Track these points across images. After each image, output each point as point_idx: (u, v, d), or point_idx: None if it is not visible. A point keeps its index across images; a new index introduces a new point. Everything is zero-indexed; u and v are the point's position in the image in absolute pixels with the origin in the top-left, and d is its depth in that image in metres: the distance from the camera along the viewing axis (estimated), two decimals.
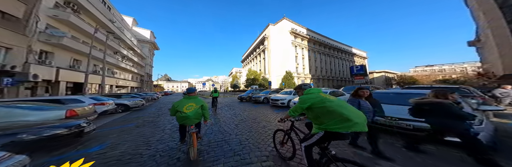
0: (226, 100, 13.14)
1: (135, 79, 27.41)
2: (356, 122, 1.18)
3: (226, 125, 4.15)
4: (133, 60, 24.74)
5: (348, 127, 1.19)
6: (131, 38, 24.82)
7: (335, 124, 1.22)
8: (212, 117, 5.33)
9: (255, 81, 31.06)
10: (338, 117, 1.22)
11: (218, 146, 2.53)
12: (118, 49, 18.91)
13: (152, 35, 33.86)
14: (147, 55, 31.92)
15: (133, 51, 25.20)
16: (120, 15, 22.52)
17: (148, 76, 34.03)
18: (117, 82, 19.75)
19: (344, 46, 49.16)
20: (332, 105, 1.29)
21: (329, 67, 41.97)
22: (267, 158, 2.06)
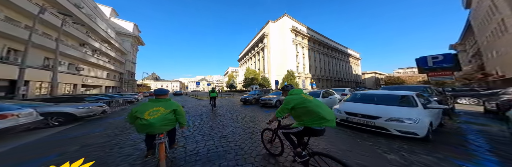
0: (224, 101, 10.82)
1: (112, 77, 23.56)
2: (328, 119, 1.37)
3: (239, 151, 2.37)
4: (109, 55, 21.03)
5: (322, 123, 1.37)
6: (107, 29, 21.12)
7: (312, 121, 1.40)
8: (211, 127, 3.94)
9: (254, 81, 28.82)
10: (315, 115, 1.39)
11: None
12: (86, 40, 15.42)
13: (135, 29, 29.93)
14: (128, 51, 28.01)
15: (109, 44, 21.49)
16: (93, 2, 18.86)
17: (129, 74, 29.99)
18: (85, 80, 16.20)
19: (340, 46, 48.38)
20: (311, 105, 1.45)
21: (327, 67, 40.64)
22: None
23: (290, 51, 30.54)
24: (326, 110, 1.43)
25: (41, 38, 10.31)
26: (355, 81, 51.98)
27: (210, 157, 2.12)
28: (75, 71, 14.85)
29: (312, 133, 1.45)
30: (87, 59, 15.63)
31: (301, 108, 1.46)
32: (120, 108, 8.56)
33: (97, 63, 17.46)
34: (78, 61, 15.26)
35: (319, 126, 1.37)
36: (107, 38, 20.26)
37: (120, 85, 25.95)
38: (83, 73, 15.92)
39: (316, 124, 1.37)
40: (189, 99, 14.41)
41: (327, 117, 1.36)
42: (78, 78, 15.16)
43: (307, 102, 1.46)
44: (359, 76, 57.31)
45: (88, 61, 16.15)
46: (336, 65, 44.14)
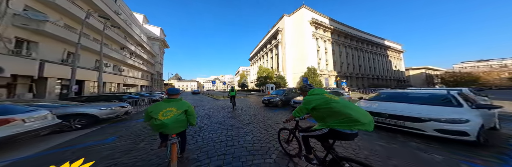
0: (243, 103, 9.21)
1: (145, 77, 25.95)
2: (362, 121, 1.17)
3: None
4: (143, 58, 23.11)
5: (354, 126, 1.18)
6: (140, 34, 23.18)
7: (340, 123, 1.22)
8: (246, 149, 2.50)
9: (268, 79, 27.04)
10: (344, 117, 1.21)
11: None
12: (125, 44, 17.10)
13: (161, 33, 32.33)
14: (157, 53, 30.47)
15: (142, 48, 23.56)
16: (129, 10, 20.83)
17: (158, 74, 32.71)
18: (125, 80, 18.11)
19: (374, 38, 39.88)
20: (337, 105, 1.28)
21: (357, 63, 34.06)
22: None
23: (310, 46, 27.36)
24: (359, 111, 1.25)
25: (91, 42, 11.63)
26: (396, 79, 42.39)
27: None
28: (118, 72, 16.65)
29: (339, 136, 1.29)
30: (126, 61, 17.34)
31: (324, 108, 1.32)
32: (146, 107, 8.09)
33: (133, 64, 19.29)
34: (120, 63, 17.05)
35: (350, 129, 1.20)
36: (140, 42, 22.23)
37: (151, 84, 28.48)
38: (124, 73, 17.79)
39: (346, 126, 1.21)
40: (207, 99, 13.75)
41: (361, 119, 1.17)
42: (120, 78, 16.97)
43: (332, 102, 1.31)
44: (402, 73, 45.87)
45: (127, 63, 17.93)
46: (369, 60, 36.92)
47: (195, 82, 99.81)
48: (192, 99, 13.68)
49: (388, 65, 41.84)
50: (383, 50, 41.59)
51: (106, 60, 14.52)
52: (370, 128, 1.17)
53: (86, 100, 6.61)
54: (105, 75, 14.81)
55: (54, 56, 8.93)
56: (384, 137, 2.84)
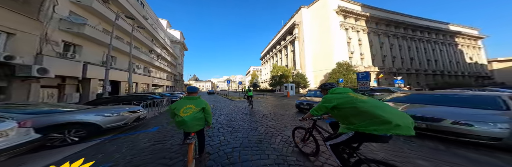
0: (263, 106, 6.95)
1: (170, 78, 27.27)
2: (397, 124, 0.98)
3: None
4: (167, 60, 24.20)
5: (387, 129, 1.00)
6: (165, 38, 24.33)
7: (368, 125, 1.06)
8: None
9: (284, 78, 24.24)
10: (373, 118, 1.05)
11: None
12: (152, 47, 17.87)
13: (181, 36, 33.68)
14: (178, 55, 31.87)
15: (166, 50, 24.68)
16: (155, 15, 21.92)
17: (179, 75, 34.32)
18: (153, 81, 19.07)
19: (432, 23, 29.51)
20: (365, 105, 1.12)
21: (407, 55, 26.21)
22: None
23: (338, 39, 22.63)
24: (393, 112, 1.05)
25: (124, 46, 12.14)
26: (474, 75, 30.06)
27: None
28: (147, 73, 17.55)
29: (368, 138, 1.11)
30: (154, 63, 18.15)
31: (349, 108, 1.16)
32: (164, 109, 6.91)
33: (159, 66, 20.18)
34: (148, 65, 17.93)
35: (384, 133, 1.00)
36: (165, 45, 23.28)
37: (174, 85, 29.94)
38: (152, 75, 18.74)
39: (377, 130, 1.02)
40: (222, 100, 12.46)
41: (397, 122, 0.97)
42: (149, 79, 17.87)
43: (359, 102, 1.14)
44: (482, 66, 32.56)
45: (154, 65, 18.79)
46: (425, 52, 27.92)
47: (210, 83, 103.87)
48: (209, 100, 12.53)
49: (457, 56, 30.14)
50: (449, 37, 30.40)
51: (137, 62, 15.29)
52: (410, 132, 0.99)
53: (112, 100, 6.57)
54: (136, 76, 15.76)
55: (95, 58, 9.38)
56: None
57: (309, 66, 27.04)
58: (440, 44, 29.86)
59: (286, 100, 10.48)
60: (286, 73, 24.70)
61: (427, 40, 28.92)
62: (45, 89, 6.66)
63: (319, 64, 24.83)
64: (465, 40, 32.30)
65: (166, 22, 29.84)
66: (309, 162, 1.74)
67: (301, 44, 28.37)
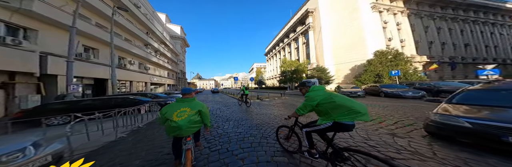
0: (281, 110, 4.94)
1: (171, 76, 24.94)
2: (362, 113, 1.19)
3: None
4: (167, 56, 21.71)
5: (355, 117, 1.19)
6: (163, 32, 21.69)
7: (344, 116, 1.21)
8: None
9: (297, 74, 20.95)
10: (347, 109, 1.20)
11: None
12: (147, 40, 15.37)
13: (182, 31, 30.90)
14: (179, 52, 29.36)
15: (166, 46, 22.13)
16: (150, 7, 19.13)
17: (182, 73, 32.03)
18: (152, 79, 16.77)
19: (488, 1, 21.68)
20: (339, 99, 1.27)
21: (460, 41, 20.59)
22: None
23: (370, 23, 17.66)
24: (358, 103, 1.24)
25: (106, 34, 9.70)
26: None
27: None
28: (144, 70, 15.19)
29: (342, 128, 1.26)
30: (150, 58, 15.72)
31: (328, 103, 1.28)
32: (153, 117, 4.55)
33: (158, 62, 17.76)
34: (145, 61, 15.52)
35: (352, 120, 1.20)
36: (163, 40, 20.70)
37: (176, 83, 27.70)
38: (150, 72, 16.40)
39: (348, 118, 1.19)
40: (231, 101, 9.04)
41: (361, 110, 1.18)
42: (146, 77, 15.54)
43: (334, 97, 1.29)
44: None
45: (152, 61, 16.37)
46: (483, 36, 21.81)
47: (213, 81, 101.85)
48: (214, 102, 8.92)
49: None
50: (508, 18, 23.28)
51: (129, 57, 12.88)
52: (367, 118, 1.21)
53: (68, 108, 4.27)
54: (131, 74, 13.32)
55: (63, 49, 7.00)
56: None
57: (329, 59, 21.67)
58: (499, 26, 22.43)
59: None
60: (299, 67, 20.87)
61: (483, 22, 21.63)
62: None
63: (343, 56, 19.79)
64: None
65: (165, 16, 27.02)
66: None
67: (317, 34, 22.86)
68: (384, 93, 8.42)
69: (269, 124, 3.31)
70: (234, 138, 2.51)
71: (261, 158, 1.77)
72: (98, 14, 9.12)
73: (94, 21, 9.13)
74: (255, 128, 3.02)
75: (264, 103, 7.11)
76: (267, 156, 1.82)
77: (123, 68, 11.69)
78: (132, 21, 13.19)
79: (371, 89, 9.88)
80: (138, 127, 3.49)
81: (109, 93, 10.04)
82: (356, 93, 8.66)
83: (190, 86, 44.94)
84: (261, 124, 3.33)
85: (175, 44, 28.28)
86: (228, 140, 2.40)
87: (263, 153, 1.92)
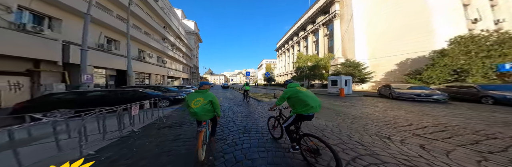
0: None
1: (186, 70, 25.32)
2: (312, 106, 1.48)
3: None
4: (182, 51, 21.80)
5: (308, 110, 1.50)
6: (179, 27, 21.64)
7: (302, 108, 1.52)
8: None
9: (317, 70, 17.78)
10: (303, 103, 1.52)
11: None
12: (164, 34, 15.31)
13: (195, 27, 30.75)
14: (193, 47, 29.50)
15: (181, 40, 22.17)
16: (168, 3, 18.99)
17: (195, 68, 32.50)
18: (168, 72, 16.99)
19: None
20: (301, 95, 1.56)
21: None
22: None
23: (432, 1, 12.72)
24: (313, 98, 1.54)
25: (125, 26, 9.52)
26: None
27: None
28: (161, 63, 15.34)
29: (303, 118, 1.58)
30: (167, 52, 15.74)
31: (294, 97, 1.58)
32: (156, 118, 3.54)
33: (174, 56, 17.84)
34: (162, 54, 15.61)
35: (307, 112, 1.50)
36: (179, 34, 20.65)
37: (191, 77, 28.24)
38: (167, 65, 16.57)
39: (304, 111, 1.50)
40: (239, 96, 8.87)
41: (311, 104, 1.48)
42: (164, 70, 15.72)
43: (299, 93, 1.58)
44: None
45: (168, 55, 16.43)
46: None
47: (223, 76, 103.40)
48: (225, 99, 7.91)
49: None
50: None
51: (148, 50, 12.92)
52: (317, 110, 1.51)
53: (62, 102, 3.75)
54: (150, 67, 13.36)
55: None
56: None
57: (362, 53, 17.21)
58: None
59: (359, 106, 4.96)
60: (320, 63, 17.36)
61: None
62: (1, 77, 4.31)
63: (384, 48, 15.36)
64: None
65: (181, 12, 26.87)
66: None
67: (346, 23, 18.90)
68: (497, 98, 5.02)
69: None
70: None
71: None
72: (118, 5, 8.90)
73: (115, 13, 8.97)
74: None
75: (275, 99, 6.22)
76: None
77: (143, 61, 11.75)
78: (150, 15, 13.03)
79: (456, 90, 6.46)
80: (132, 131, 2.59)
81: (128, 84, 10.20)
82: (430, 97, 5.61)
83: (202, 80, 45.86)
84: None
85: (189, 40, 28.35)
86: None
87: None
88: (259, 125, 2.91)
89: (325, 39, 23.62)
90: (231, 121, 3.15)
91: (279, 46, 43.69)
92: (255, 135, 2.38)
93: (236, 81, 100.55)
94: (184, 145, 2.06)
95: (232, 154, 1.76)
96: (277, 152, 1.78)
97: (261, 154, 1.74)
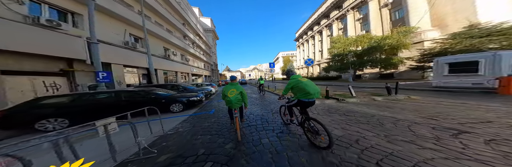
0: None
1: (207, 68, 25.46)
2: (311, 93, 1.78)
3: None
4: (201, 48, 21.57)
5: (307, 96, 1.81)
6: (197, 24, 21.11)
7: (302, 96, 1.84)
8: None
9: (376, 53, 12.59)
10: (304, 91, 1.82)
11: None
12: (184, 31, 14.80)
13: (212, 23, 29.96)
14: (211, 44, 29.19)
15: (200, 38, 21.78)
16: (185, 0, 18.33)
17: (214, 65, 32.65)
18: (192, 70, 16.96)
19: None
20: (302, 85, 1.84)
21: None
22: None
23: None
24: (312, 87, 1.82)
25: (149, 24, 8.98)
26: None
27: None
28: (185, 61, 15.21)
29: (304, 104, 1.88)
30: (188, 50, 15.38)
31: (297, 87, 1.87)
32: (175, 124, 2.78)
33: (195, 54, 17.54)
34: (185, 52, 15.36)
35: (306, 98, 1.80)
36: (198, 31, 20.16)
37: (211, 75, 28.49)
38: (190, 63, 16.46)
39: (304, 97, 1.81)
40: (271, 98, 5.98)
41: (311, 92, 1.78)
42: (188, 68, 15.61)
43: (300, 83, 1.86)
44: None
45: (190, 52, 16.12)
46: None
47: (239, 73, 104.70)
48: (252, 103, 7.21)
49: None
50: None
51: (172, 47, 12.64)
52: (316, 96, 1.82)
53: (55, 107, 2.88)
54: (175, 65, 12.86)
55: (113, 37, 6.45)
56: None
57: (495, 9, 9.53)
58: None
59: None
60: (387, 42, 11.35)
61: None
62: (35, 77, 4.02)
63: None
64: None
65: (198, 9, 26.25)
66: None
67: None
68: None
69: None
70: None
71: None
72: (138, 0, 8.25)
73: (136, 9, 8.45)
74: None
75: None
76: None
77: (168, 59, 11.50)
78: (169, 11, 12.43)
79: None
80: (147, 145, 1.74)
81: (155, 82, 10.10)
82: None
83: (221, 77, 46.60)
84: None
85: (207, 37, 27.95)
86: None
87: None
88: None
89: (382, 11, 16.01)
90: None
91: (300, 35, 37.61)
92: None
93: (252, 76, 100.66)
94: None
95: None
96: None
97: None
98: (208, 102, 5.55)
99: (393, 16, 15.55)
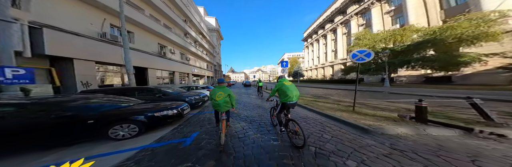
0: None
1: (210, 68, 24.13)
2: (290, 96, 1.98)
3: None
4: (204, 47, 20.25)
5: (288, 99, 2.00)
6: (200, 22, 19.91)
7: (284, 98, 2.03)
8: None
9: (426, 49, 9.68)
10: (285, 94, 2.01)
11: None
12: (185, 28, 13.49)
13: (216, 23, 28.82)
14: (215, 44, 27.97)
15: (203, 37, 20.56)
16: None
17: (218, 65, 31.36)
18: (193, 70, 15.56)
19: None
20: (285, 88, 2.03)
21: None
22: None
23: None
24: (293, 91, 2.02)
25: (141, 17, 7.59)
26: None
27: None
28: (185, 60, 13.84)
29: (287, 105, 2.06)
30: (190, 48, 14.01)
31: (281, 90, 2.05)
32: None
33: (197, 53, 16.17)
34: (185, 51, 13.99)
35: (287, 101, 2.01)
36: (201, 30, 18.94)
37: (214, 75, 27.14)
38: (191, 63, 15.09)
39: (286, 100, 2.01)
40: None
41: (289, 95, 1.98)
42: (188, 68, 14.19)
43: (283, 86, 2.04)
44: None
45: (191, 51, 14.75)
46: None
47: (243, 74, 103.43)
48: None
49: None
50: None
51: (171, 45, 11.27)
52: (294, 99, 2.02)
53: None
54: (174, 64, 11.15)
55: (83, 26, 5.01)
56: None
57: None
58: None
59: None
60: (451, 33, 8.24)
61: None
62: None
63: None
64: None
65: (203, 9, 25.26)
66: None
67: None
68: None
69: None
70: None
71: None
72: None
73: None
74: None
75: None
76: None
77: (164, 57, 10.11)
78: (169, 5, 11.15)
79: None
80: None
81: (153, 83, 8.66)
82: None
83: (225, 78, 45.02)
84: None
85: (211, 37, 26.78)
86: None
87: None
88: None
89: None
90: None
91: (308, 34, 34.92)
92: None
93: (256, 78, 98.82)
94: None
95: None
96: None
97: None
98: (195, 114, 3.68)
99: (445, 4, 11.97)
